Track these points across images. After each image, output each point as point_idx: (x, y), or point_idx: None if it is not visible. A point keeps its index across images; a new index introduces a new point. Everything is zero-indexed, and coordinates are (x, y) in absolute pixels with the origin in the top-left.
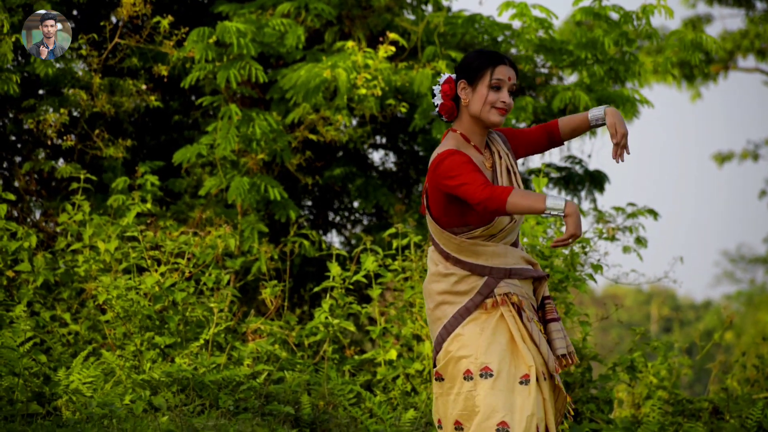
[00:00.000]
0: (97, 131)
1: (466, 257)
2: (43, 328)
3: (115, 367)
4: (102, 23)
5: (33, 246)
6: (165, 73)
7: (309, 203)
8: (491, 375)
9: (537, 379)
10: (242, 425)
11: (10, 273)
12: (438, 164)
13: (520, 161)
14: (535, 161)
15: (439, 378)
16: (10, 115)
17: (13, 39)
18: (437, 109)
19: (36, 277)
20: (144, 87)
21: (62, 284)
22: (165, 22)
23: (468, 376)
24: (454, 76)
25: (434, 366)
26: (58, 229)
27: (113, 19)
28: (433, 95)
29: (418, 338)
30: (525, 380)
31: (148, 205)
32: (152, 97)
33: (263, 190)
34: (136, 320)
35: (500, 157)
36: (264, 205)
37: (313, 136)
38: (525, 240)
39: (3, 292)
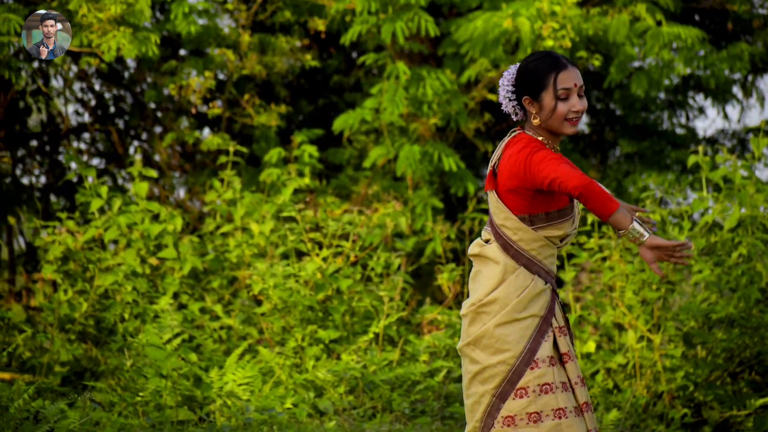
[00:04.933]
0: (246, 96)
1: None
2: (191, 322)
3: (273, 365)
4: None
5: (178, 229)
6: (322, 28)
7: None
8: None
9: None
10: (420, 431)
11: (153, 260)
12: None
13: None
14: (754, 118)
15: None
16: (149, 80)
17: None
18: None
19: (182, 265)
20: (299, 44)
21: (212, 272)
22: None
23: None
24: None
25: None
26: (205, 209)
27: None
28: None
29: (620, 327)
30: None
31: (306, 180)
32: (308, 56)
33: (437, 159)
34: (296, 312)
35: None
36: (438, 176)
37: (492, 96)
38: (743, 210)
39: (146, 283)
